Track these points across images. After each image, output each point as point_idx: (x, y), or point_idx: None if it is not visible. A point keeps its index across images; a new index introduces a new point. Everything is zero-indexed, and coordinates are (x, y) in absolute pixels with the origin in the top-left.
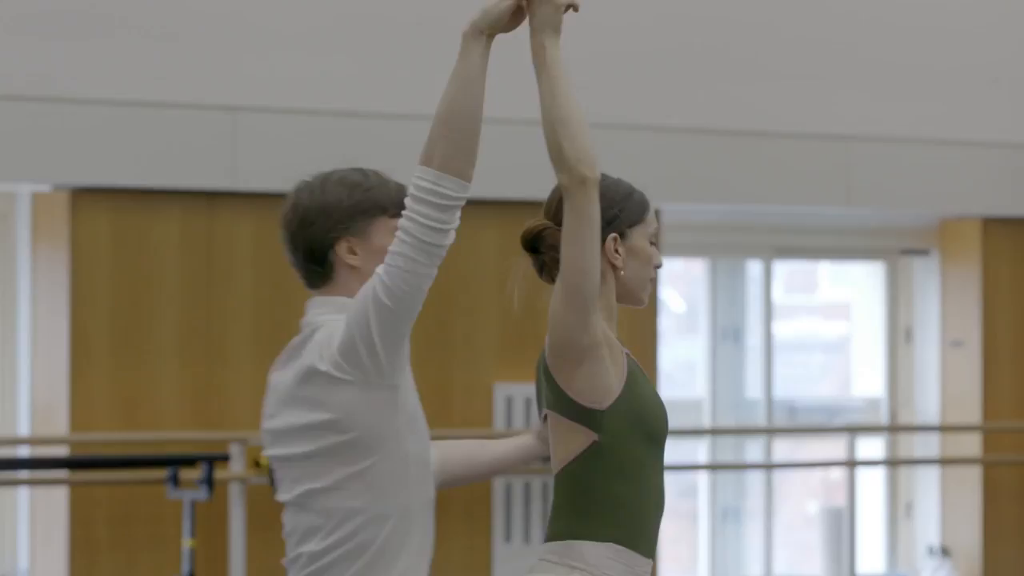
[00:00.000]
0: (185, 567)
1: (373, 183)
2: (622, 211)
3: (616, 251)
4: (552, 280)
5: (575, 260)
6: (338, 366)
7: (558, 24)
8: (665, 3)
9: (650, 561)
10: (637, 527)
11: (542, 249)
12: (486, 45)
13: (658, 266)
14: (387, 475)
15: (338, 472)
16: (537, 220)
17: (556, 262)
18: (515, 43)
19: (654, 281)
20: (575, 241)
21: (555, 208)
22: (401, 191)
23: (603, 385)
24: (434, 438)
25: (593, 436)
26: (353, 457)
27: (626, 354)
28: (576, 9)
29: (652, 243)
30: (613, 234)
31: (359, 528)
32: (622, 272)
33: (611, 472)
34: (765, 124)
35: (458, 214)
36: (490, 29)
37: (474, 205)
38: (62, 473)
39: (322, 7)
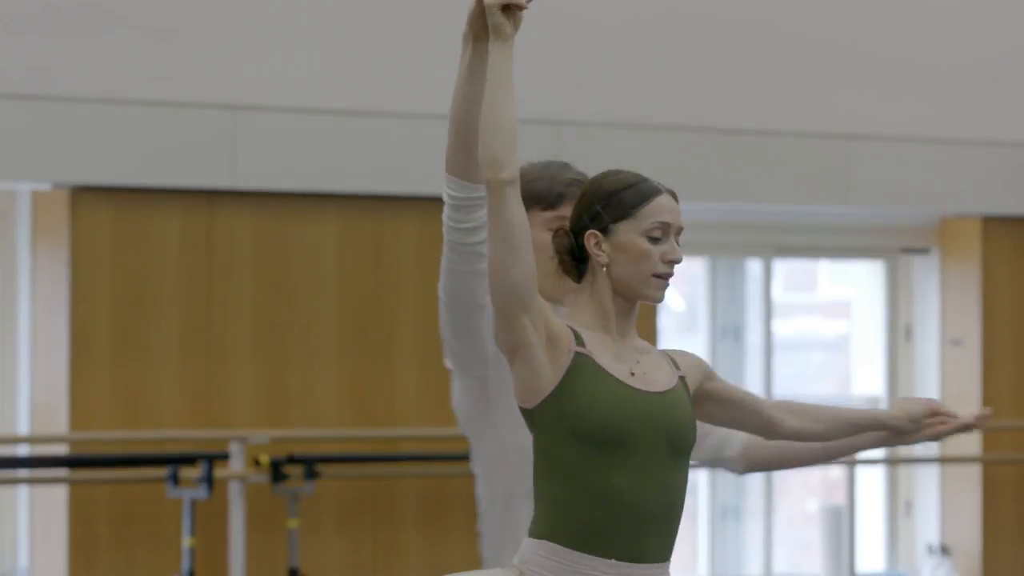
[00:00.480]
0: (185, 565)
1: (539, 175)
2: (605, 207)
3: (598, 248)
4: (575, 279)
5: (490, 260)
6: (445, 355)
7: (496, 26)
8: (664, 0)
9: (614, 562)
10: (582, 527)
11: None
12: (472, 47)
13: (670, 261)
14: (490, 461)
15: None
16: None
17: (563, 263)
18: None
19: (661, 276)
20: (490, 240)
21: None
22: (560, 186)
23: (532, 385)
24: (431, 437)
25: (534, 433)
26: (470, 441)
27: (581, 353)
28: (518, 8)
29: (655, 237)
30: (590, 231)
31: (484, 511)
32: (609, 269)
33: (544, 470)
34: (765, 122)
35: (477, 213)
36: (471, 31)
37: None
38: (62, 472)
39: (322, 5)
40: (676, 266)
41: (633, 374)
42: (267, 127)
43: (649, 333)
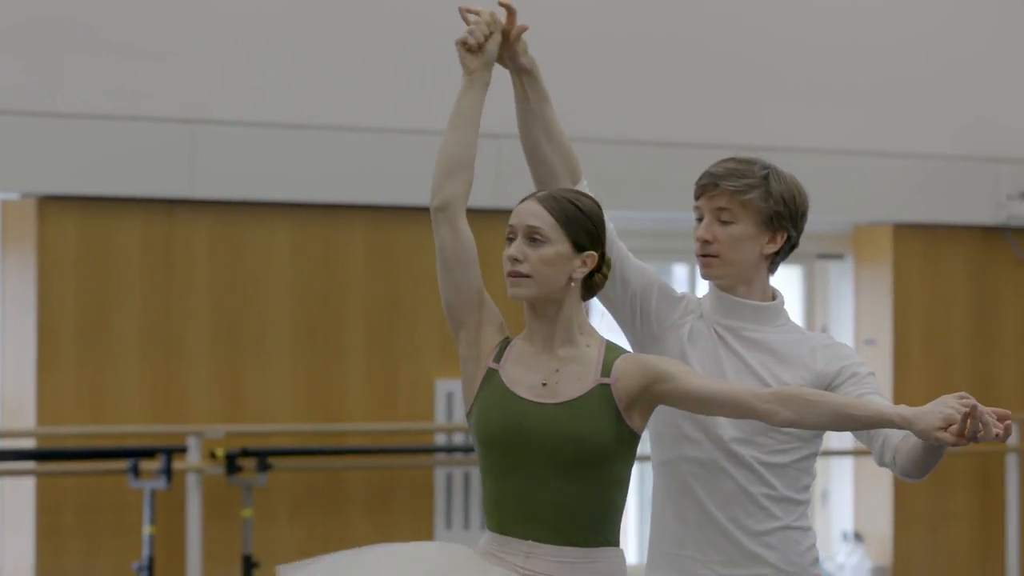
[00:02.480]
0: (145, 552)
1: None
2: None
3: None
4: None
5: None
6: None
7: (462, 60)
8: (597, 19)
9: (531, 542)
10: (501, 517)
11: None
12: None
13: (510, 258)
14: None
15: None
16: None
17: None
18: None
19: (510, 275)
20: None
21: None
22: None
23: (465, 394)
24: (377, 431)
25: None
26: None
27: (493, 368)
28: (464, 46)
29: (509, 239)
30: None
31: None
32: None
33: (480, 469)
34: (692, 135)
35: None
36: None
37: (420, 211)
38: (30, 464)
39: (276, 24)
40: (522, 265)
41: (544, 385)
42: (223, 140)
43: None
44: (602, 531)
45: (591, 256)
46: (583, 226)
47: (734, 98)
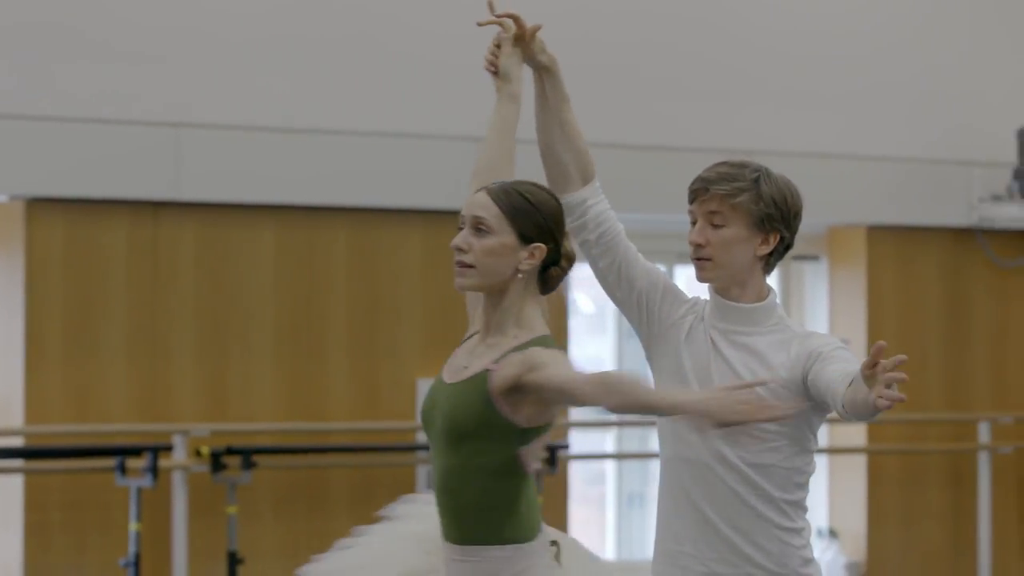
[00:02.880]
0: (132, 549)
1: None
2: None
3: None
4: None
5: None
6: None
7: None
8: (581, 26)
9: (446, 542)
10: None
11: None
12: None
13: (454, 247)
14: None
15: None
16: None
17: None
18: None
19: (457, 264)
20: None
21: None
22: None
23: None
24: (359, 430)
25: None
26: None
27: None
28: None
29: (459, 229)
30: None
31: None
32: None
33: None
34: (671, 139)
35: (570, 219)
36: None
37: (400, 213)
38: (18, 462)
39: (259, 30)
40: (465, 254)
41: (466, 367)
42: (208, 143)
43: (560, 334)
44: (487, 525)
45: (539, 248)
46: (532, 218)
47: (712, 103)
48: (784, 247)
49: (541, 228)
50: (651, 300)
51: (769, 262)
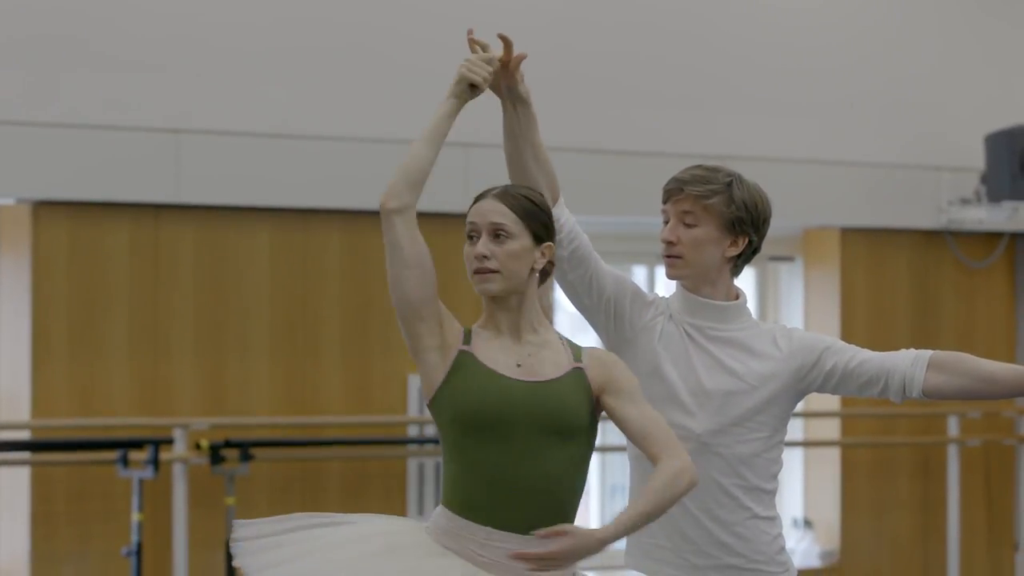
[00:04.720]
0: (134, 538)
1: None
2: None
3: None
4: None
5: (388, 276)
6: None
7: (457, 91)
8: (558, 36)
9: (489, 529)
10: (466, 499)
11: None
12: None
13: (477, 256)
14: None
15: None
16: None
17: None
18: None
19: (476, 272)
20: (387, 258)
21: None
22: None
23: (428, 380)
24: (353, 424)
25: (436, 422)
26: None
27: (465, 351)
28: (474, 87)
29: (471, 238)
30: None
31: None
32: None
33: (444, 451)
34: (650, 145)
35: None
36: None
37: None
38: (25, 455)
39: (256, 40)
40: (490, 261)
41: (520, 366)
42: (207, 148)
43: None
44: (566, 514)
45: (549, 247)
46: (539, 219)
47: (688, 110)
48: (752, 251)
49: (546, 227)
50: (620, 306)
51: (737, 264)
